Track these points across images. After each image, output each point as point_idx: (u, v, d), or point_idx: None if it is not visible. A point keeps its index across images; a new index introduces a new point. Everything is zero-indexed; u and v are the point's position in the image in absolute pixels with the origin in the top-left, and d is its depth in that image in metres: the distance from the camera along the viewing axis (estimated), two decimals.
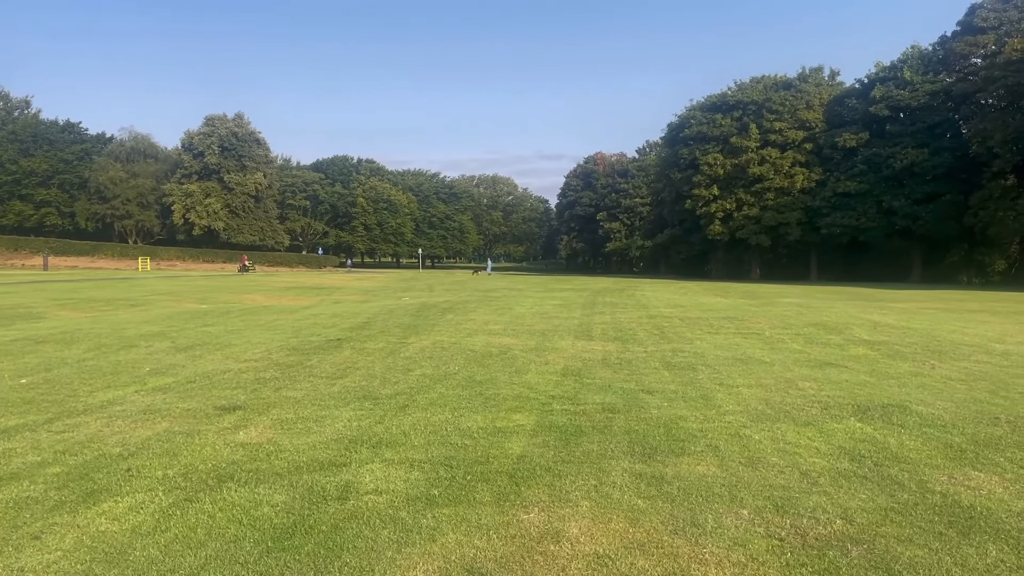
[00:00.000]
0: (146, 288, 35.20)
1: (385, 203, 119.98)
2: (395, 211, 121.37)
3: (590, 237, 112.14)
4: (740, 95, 74.15)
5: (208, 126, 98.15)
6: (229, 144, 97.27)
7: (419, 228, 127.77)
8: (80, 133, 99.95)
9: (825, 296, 33.77)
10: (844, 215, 64.11)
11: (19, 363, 11.07)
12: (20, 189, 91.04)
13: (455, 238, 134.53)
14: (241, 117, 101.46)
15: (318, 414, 7.62)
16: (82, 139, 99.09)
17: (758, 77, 76.57)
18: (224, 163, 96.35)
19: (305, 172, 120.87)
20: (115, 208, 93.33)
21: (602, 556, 4.14)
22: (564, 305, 24.63)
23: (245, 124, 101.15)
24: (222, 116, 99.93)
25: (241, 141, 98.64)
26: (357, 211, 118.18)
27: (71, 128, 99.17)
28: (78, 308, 22.21)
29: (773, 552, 4.19)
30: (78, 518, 4.69)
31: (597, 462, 5.87)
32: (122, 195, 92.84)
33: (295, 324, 17.52)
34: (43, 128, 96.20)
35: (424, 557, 4.12)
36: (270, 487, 5.27)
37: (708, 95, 78.49)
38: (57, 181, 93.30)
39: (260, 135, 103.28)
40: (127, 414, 7.62)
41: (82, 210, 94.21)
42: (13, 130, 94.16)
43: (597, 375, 10.08)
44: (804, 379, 9.79)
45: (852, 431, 6.92)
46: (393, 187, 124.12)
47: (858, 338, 14.43)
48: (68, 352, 12.32)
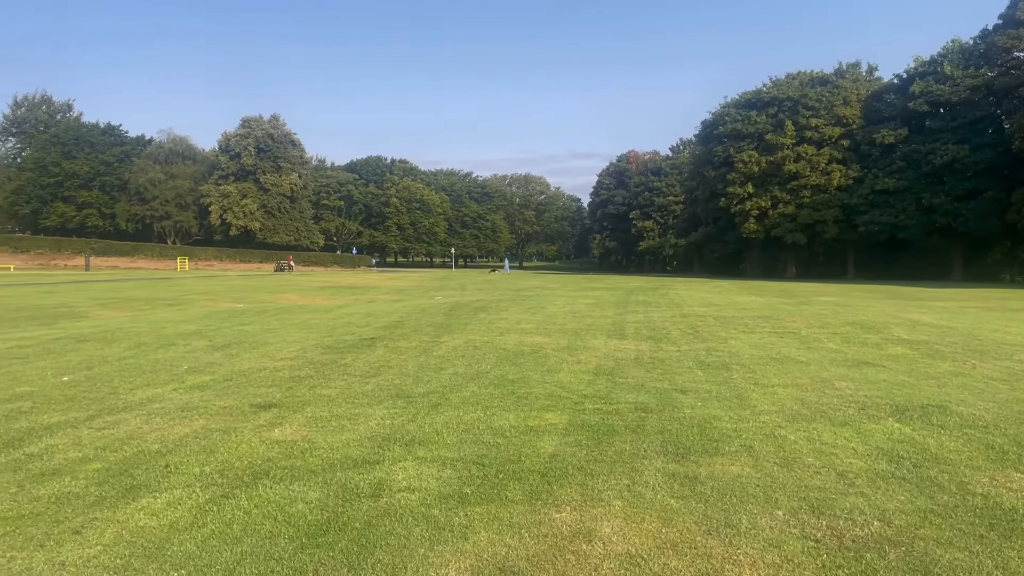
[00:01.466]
0: (184, 288, 35.80)
1: (418, 203, 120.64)
2: (428, 211, 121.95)
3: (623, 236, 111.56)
4: (775, 91, 73.26)
5: (244, 128, 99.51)
6: (265, 145, 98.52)
7: (452, 228, 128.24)
8: (120, 136, 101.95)
9: (862, 295, 33.23)
10: (882, 212, 62.98)
11: (61, 361, 11.32)
12: (63, 191, 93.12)
13: (488, 237, 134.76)
14: (277, 119, 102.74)
15: (352, 412, 7.68)
16: (122, 141, 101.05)
17: (794, 73, 75.60)
18: (260, 164, 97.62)
19: (339, 172, 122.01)
20: (154, 209, 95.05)
21: (635, 556, 4.12)
22: (597, 304, 24.55)
23: (281, 125, 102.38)
24: (258, 118, 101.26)
25: (277, 142, 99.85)
26: (390, 211, 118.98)
27: (112, 131, 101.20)
28: (118, 307, 22.67)
29: (809, 554, 4.13)
30: (118, 513, 4.78)
31: (630, 462, 5.84)
32: (161, 196, 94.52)
33: (329, 323, 17.69)
34: (85, 131, 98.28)
35: (456, 555, 4.13)
36: (304, 484, 5.33)
37: (743, 92, 77.82)
38: (98, 183, 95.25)
39: (295, 136, 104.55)
40: (165, 411, 7.76)
41: (122, 211, 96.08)
42: (56, 133, 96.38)
43: (630, 374, 10.03)
44: (841, 379, 9.64)
45: (890, 432, 6.79)
46: (426, 187, 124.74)
47: (896, 337, 14.18)
48: (109, 350, 12.57)
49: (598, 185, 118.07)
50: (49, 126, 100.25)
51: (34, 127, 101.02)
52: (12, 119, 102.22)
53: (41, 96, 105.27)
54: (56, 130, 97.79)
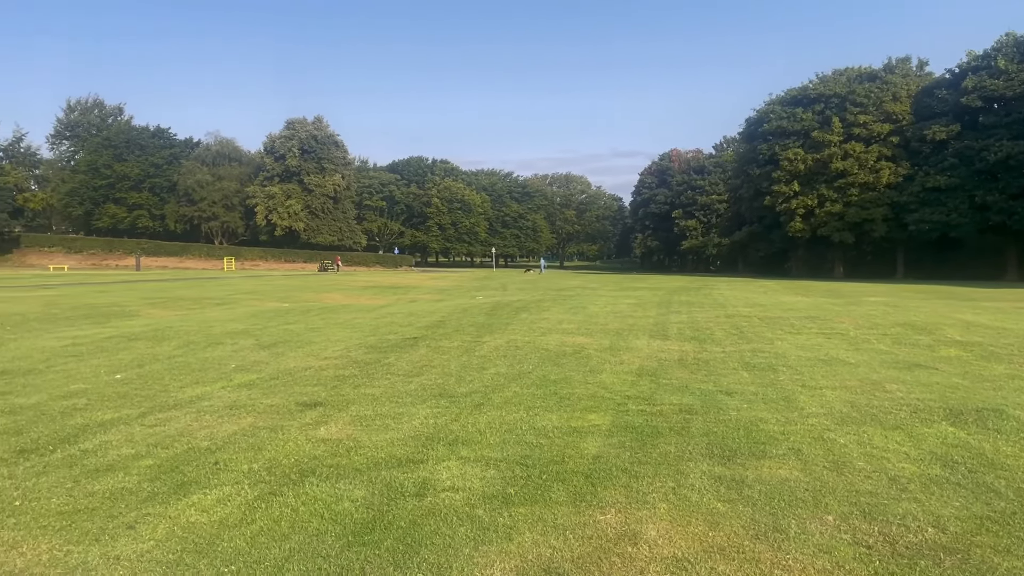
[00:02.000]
0: (231, 287, 36.47)
1: (459, 203, 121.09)
2: (469, 211, 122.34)
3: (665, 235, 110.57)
4: (822, 88, 71.88)
5: (289, 129, 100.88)
6: (309, 147, 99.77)
7: (493, 227, 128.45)
8: (169, 138, 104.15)
9: (913, 295, 32.46)
10: (933, 211, 61.38)
11: (114, 359, 11.60)
12: (114, 193, 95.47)
13: (528, 237, 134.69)
14: (320, 120, 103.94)
15: (396, 411, 7.74)
16: (171, 144, 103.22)
17: (841, 69, 74.06)
18: (304, 165, 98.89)
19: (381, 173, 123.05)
20: (202, 210, 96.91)
21: (681, 559, 4.07)
22: (639, 304, 24.38)
23: (324, 127, 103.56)
24: (302, 119, 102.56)
25: (320, 144, 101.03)
26: (432, 211, 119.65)
27: (161, 133, 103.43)
28: (168, 307, 23.17)
29: (860, 560, 4.05)
30: (169, 509, 4.88)
31: (675, 464, 5.79)
32: (208, 197, 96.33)
33: (373, 322, 17.86)
34: (135, 134, 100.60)
35: (501, 555, 4.13)
36: (350, 482, 5.38)
37: (788, 89, 76.39)
38: (148, 184, 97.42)
39: (338, 137, 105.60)
40: (214, 409, 7.90)
41: (171, 212, 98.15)
42: (107, 136, 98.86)
43: (673, 375, 9.94)
44: (892, 381, 9.43)
45: (944, 436, 6.62)
46: (467, 187, 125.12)
47: (949, 339, 13.82)
48: (159, 349, 12.85)
49: (640, 184, 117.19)
50: (101, 129, 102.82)
51: (87, 130, 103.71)
52: (66, 123, 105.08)
53: (93, 100, 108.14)
54: (108, 133, 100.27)
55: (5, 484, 5.39)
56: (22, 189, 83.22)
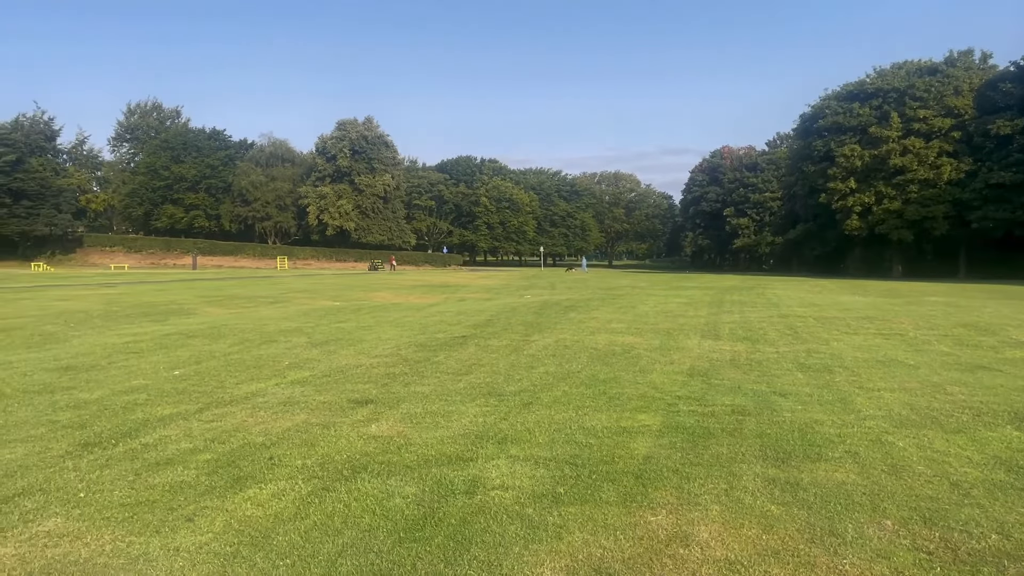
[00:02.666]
0: (284, 286, 37.15)
1: (507, 202, 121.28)
2: (517, 210, 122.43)
3: (716, 234, 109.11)
4: (880, 82, 70.10)
5: (340, 130, 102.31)
6: (359, 147, 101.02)
7: (541, 226, 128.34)
8: (224, 140, 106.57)
9: (975, 295, 31.46)
10: (998, 208, 59.36)
11: (173, 356, 11.91)
12: (172, 194, 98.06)
13: (576, 236, 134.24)
14: (371, 121, 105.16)
15: (445, 409, 7.79)
16: (226, 146, 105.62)
17: (900, 63, 72.15)
18: (355, 166, 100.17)
19: (430, 173, 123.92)
20: (255, 211, 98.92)
21: (734, 562, 4.01)
22: (689, 303, 24.11)
23: (374, 127, 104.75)
24: (353, 120, 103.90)
25: (370, 144, 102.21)
26: (480, 210, 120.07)
27: (216, 136, 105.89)
28: (223, 305, 23.71)
29: (920, 566, 3.94)
30: (226, 503, 4.99)
31: (727, 465, 5.70)
32: (262, 198, 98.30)
33: (422, 321, 18.00)
34: (192, 136, 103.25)
35: (551, 555, 4.12)
36: (401, 479, 5.43)
37: (844, 84, 74.61)
38: (204, 185, 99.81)
39: (388, 138, 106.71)
40: (269, 405, 8.05)
41: (226, 212, 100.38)
42: (165, 139, 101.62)
43: (725, 376, 9.80)
44: (953, 383, 9.15)
45: (1009, 440, 6.40)
46: (515, 186, 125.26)
47: (1015, 340, 13.36)
48: (215, 346, 13.15)
49: (690, 182, 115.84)
50: (159, 132, 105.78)
51: (145, 133, 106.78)
52: (126, 126, 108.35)
53: (152, 103, 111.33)
54: (166, 136, 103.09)
55: (70, 476, 5.57)
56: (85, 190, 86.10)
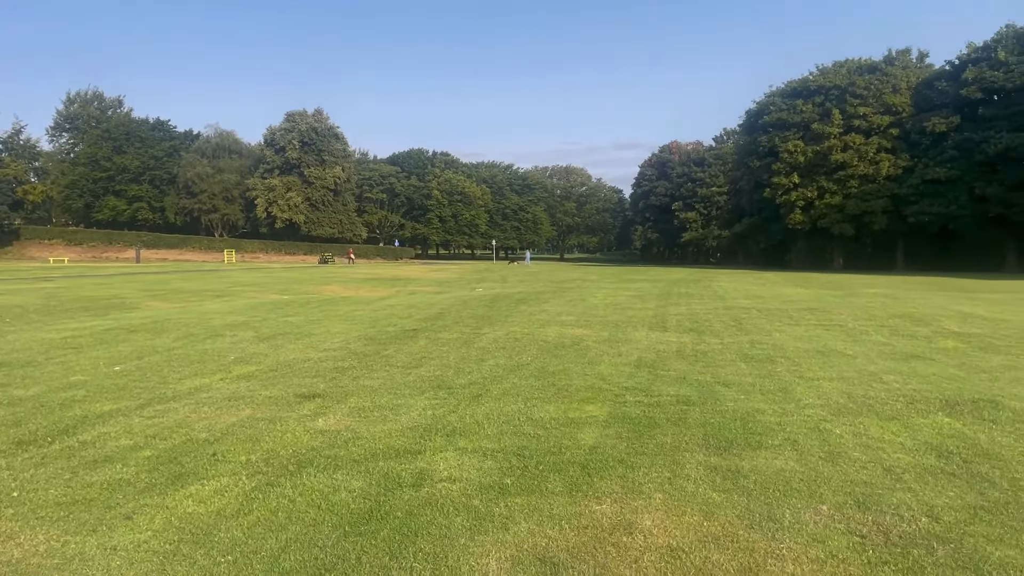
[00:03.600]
0: (231, 280, 36.48)
1: (459, 195, 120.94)
2: (469, 203, 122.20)
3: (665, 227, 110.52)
4: (822, 80, 71.73)
5: (289, 122, 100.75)
6: (309, 139, 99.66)
7: (493, 220, 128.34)
8: (169, 131, 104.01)
9: (912, 287, 32.47)
10: (933, 203, 61.30)
11: (113, 351, 11.63)
12: (114, 185, 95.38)
13: (528, 229, 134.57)
14: (320, 113, 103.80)
15: (394, 403, 7.77)
16: (171, 136, 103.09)
17: (841, 61, 73.87)
18: (304, 158, 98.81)
19: (382, 166, 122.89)
20: (202, 203, 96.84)
21: (675, 549, 4.10)
22: (638, 296, 24.40)
23: (324, 119, 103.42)
24: (302, 112, 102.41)
25: (320, 136, 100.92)
26: (432, 203, 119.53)
27: (160, 126, 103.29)
28: (167, 299, 23.19)
29: (854, 549, 4.07)
30: (167, 500, 4.91)
31: (671, 454, 5.81)
32: (208, 190, 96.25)
33: (372, 315, 17.88)
34: (135, 126, 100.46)
35: (497, 545, 4.15)
36: (348, 473, 5.40)
37: (788, 80, 76.23)
38: (148, 177, 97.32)
39: (338, 130, 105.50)
40: (213, 401, 7.93)
41: (171, 205, 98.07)
42: (107, 129, 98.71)
43: (672, 367, 9.96)
44: (889, 372, 9.45)
45: (939, 426, 6.65)
46: (467, 179, 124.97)
47: (947, 330, 13.84)
48: (158, 341, 12.88)
49: (640, 176, 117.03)
50: (101, 122, 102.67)
51: (86, 123, 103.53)
52: (65, 115, 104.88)
53: (93, 92, 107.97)
54: (107, 125, 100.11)
55: (3, 475, 5.41)
56: (21, 181, 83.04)
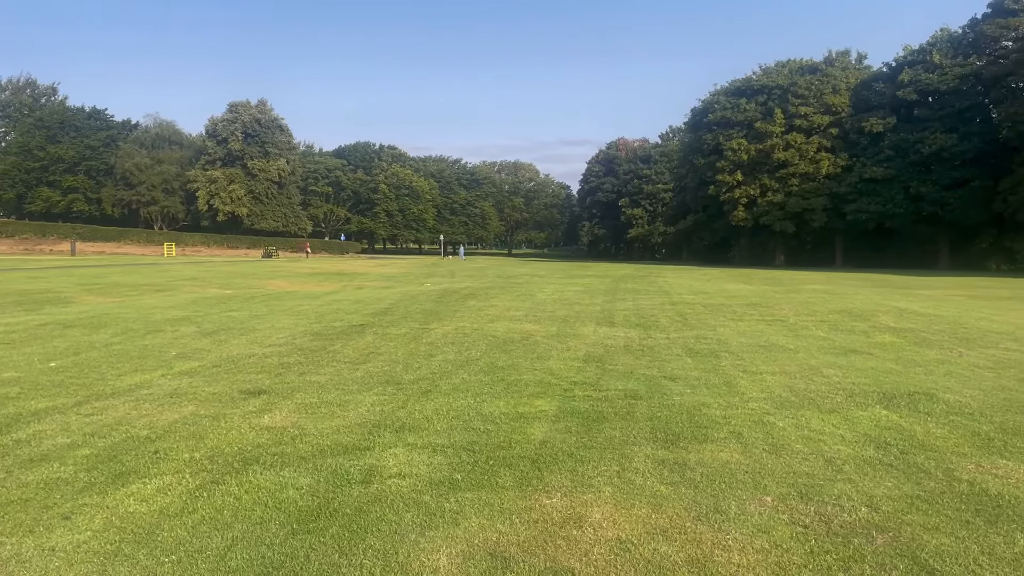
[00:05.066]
0: (171, 273, 35.60)
1: (407, 189, 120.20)
2: (417, 197, 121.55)
3: (612, 223, 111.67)
4: (765, 79, 73.31)
5: (231, 113, 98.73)
6: (252, 131, 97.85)
7: (441, 214, 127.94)
8: (106, 120, 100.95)
9: (850, 283, 33.41)
10: (870, 201, 63.22)
11: (48, 347, 11.24)
12: (48, 175, 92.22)
13: (477, 224, 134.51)
14: (264, 104, 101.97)
15: (342, 399, 7.68)
16: (108, 126, 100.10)
17: (783, 61, 75.68)
18: (247, 149, 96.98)
19: (327, 158, 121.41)
20: (140, 194, 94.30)
21: (624, 541, 4.14)
22: (586, 291, 24.59)
23: (268, 111, 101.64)
24: (245, 103, 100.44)
25: (264, 128, 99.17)
26: (379, 197, 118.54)
27: (97, 115, 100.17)
28: (105, 293, 22.52)
29: (797, 539, 4.17)
30: (107, 499, 4.77)
31: (619, 448, 5.87)
32: (147, 181, 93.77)
33: (318, 310, 17.65)
34: (70, 115, 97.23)
35: (447, 540, 4.14)
36: (295, 470, 5.32)
37: (732, 79, 77.84)
38: (84, 167, 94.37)
39: (283, 121, 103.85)
40: (154, 397, 7.73)
41: (108, 196, 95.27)
42: (40, 117, 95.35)
43: (619, 362, 10.06)
44: (829, 366, 9.70)
45: (878, 419, 6.85)
46: (415, 173, 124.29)
47: (884, 325, 14.28)
48: (96, 336, 12.50)
49: (587, 172, 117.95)
50: (34, 110, 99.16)
51: (18, 111, 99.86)
52: None
53: (25, 79, 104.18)
54: (41, 114, 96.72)
55: None
56: None
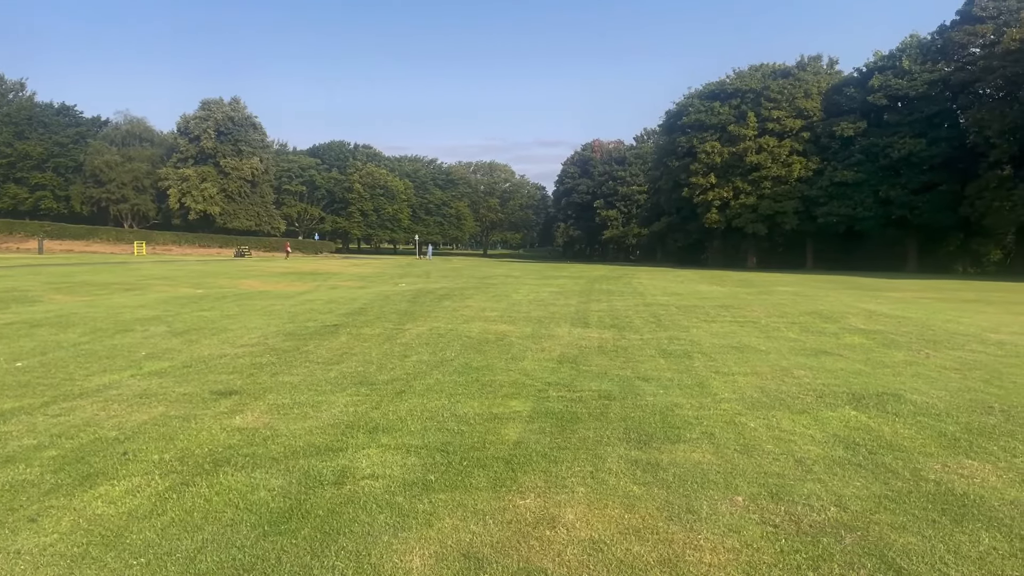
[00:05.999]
0: (142, 272, 35.13)
1: (382, 189, 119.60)
2: (392, 197, 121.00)
3: (587, 224, 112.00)
4: (738, 83, 73.93)
5: (204, 110, 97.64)
6: (225, 128, 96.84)
7: (416, 214, 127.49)
8: (75, 116, 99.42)
9: (821, 285, 33.81)
10: (841, 204, 64.03)
11: (15, 346, 11.04)
12: (15, 172, 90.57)
13: (452, 225, 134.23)
14: (237, 101, 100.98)
15: (314, 399, 7.63)
16: (77, 122, 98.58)
17: (757, 65, 76.35)
18: (220, 148, 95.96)
19: (301, 157, 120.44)
20: (110, 192, 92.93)
21: (597, 541, 4.16)
22: (561, 292, 24.64)
23: (241, 108, 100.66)
24: (218, 100, 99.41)
25: (237, 126, 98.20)
26: (353, 197, 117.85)
27: (66, 111, 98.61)
28: (74, 292, 22.17)
29: (767, 538, 4.21)
30: (74, 501, 4.70)
31: (593, 448, 5.89)
32: (117, 179, 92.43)
33: (291, 310, 17.51)
34: (38, 111, 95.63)
35: (420, 542, 4.13)
36: (267, 471, 5.28)
37: (706, 83, 78.30)
38: (52, 164, 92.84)
39: (256, 120, 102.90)
40: (123, 398, 7.62)
41: (77, 194, 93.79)
42: (8, 112, 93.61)
43: (593, 362, 10.10)
44: (799, 367, 9.81)
45: (847, 419, 6.94)
46: (390, 173, 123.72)
47: (853, 327, 14.47)
48: (64, 336, 12.30)
49: (563, 174, 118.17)
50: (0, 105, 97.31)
51: None
52: None
53: None
54: (8, 110, 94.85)
55: None
56: None
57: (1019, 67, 51.30)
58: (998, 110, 54.20)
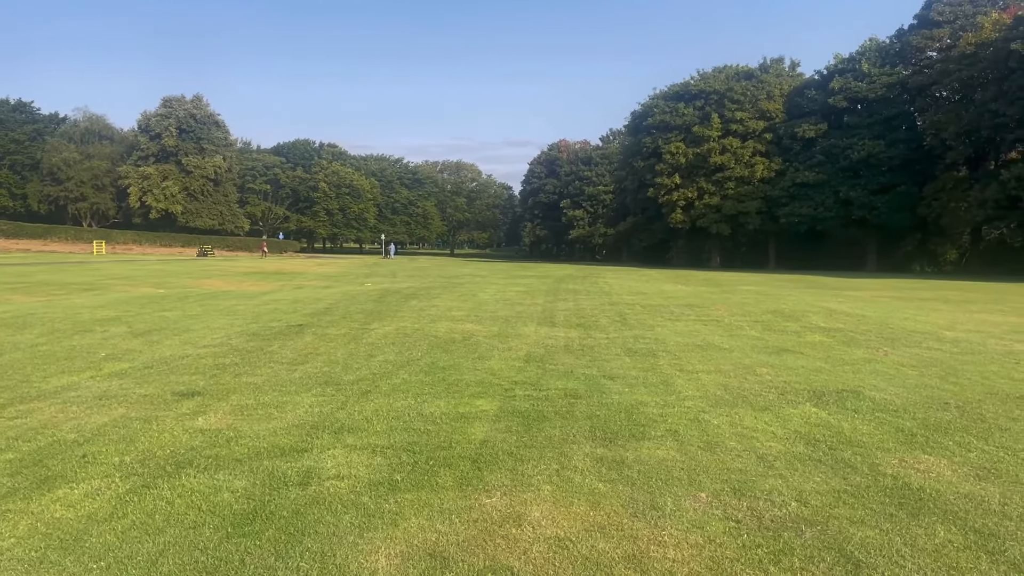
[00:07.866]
0: (101, 272, 34.46)
1: (347, 188, 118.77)
2: (358, 196, 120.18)
3: (553, 224, 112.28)
4: (703, 84, 74.63)
5: (166, 108, 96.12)
6: (187, 126, 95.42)
7: (382, 214, 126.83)
8: (32, 113, 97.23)
9: (783, 284, 34.31)
10: (802, 205, 65.01)
11: None
12: None
13: (419, 224, 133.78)
14: (200, 99, 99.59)
15: (279, 400, 7.56)
16: (34, 119, 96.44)
17: (720, 67, 77.11)
18: (182, 146, 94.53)
19: (266, 156, 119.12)
20: (68, 190, 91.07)
21: (563, 539, 4.18)
22: (527, 292, 24.69)
23: (204, 106, 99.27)
24: (180, 98, 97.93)
25: (200, 123, 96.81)
26: (319, 196, 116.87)
27: (22, 107, 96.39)
28: (31, 292, 21.68)
29: (730, 534, 4.28)
30: (32, 505, 4.60)
31: (559, 447, 5.92)
32: (76, 177, 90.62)
33: (255, 310, 17.32)
34: None
35: (386, 541, 4.12)
36: (230, 473, 5.22)
37: (671, 84, 78.84)
38: (8, 162, 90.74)
39: (219, 117, 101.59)
40: (82, 400, 7.48)
41: (34, 192, 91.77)
42: None
43: (560, 361, 10.14)
44: (762, 365, 9.95)
45: (807, 416, 7.06)
46: (356, 172, 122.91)
47: (814, 325, 14.70)
48: (20, 337, 12.03)
49: (529, 173, 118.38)
50: None
51: None
52: None
53: None
54: None
55: None
56: None
57: (974, 71, 52.57)
58: (954, 113, 55.45)
